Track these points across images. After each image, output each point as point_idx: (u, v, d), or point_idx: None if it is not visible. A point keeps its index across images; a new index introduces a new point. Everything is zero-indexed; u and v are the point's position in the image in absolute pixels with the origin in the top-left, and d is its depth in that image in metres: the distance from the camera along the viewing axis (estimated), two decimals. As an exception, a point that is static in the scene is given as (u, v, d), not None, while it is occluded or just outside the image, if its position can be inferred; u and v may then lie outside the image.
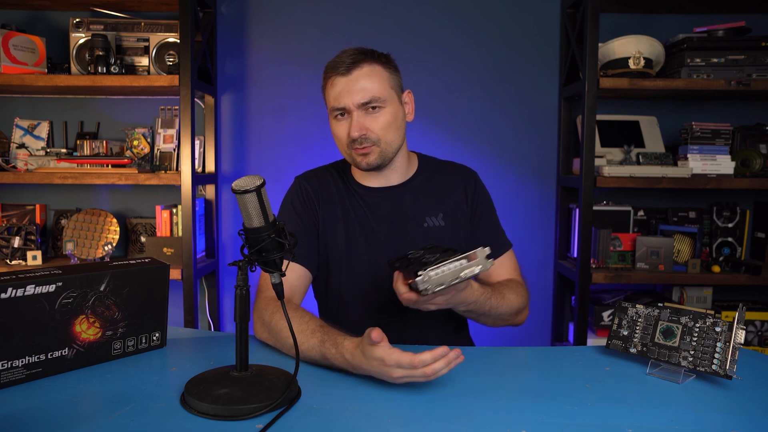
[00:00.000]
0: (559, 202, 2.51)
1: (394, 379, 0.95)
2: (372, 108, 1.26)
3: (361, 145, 1.27)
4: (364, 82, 1.25)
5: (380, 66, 1.28)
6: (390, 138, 1.29)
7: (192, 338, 1.27)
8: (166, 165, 2.39)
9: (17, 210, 2.50)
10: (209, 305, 2.56)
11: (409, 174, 1.40)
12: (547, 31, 2.51)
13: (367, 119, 1.27)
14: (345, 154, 1.33)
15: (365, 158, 1.29)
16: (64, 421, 0.84)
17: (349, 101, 1.25)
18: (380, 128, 1.27)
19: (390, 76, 1.30)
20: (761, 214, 2.49)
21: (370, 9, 2.50)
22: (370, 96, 1.25)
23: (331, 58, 1.30)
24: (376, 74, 1.27)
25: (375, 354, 0.95)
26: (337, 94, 1.26)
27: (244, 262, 0.94)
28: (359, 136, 1.25)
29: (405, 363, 0.93)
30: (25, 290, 0.95)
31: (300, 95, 2.53)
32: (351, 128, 1.26)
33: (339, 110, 1.28)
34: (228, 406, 0.86)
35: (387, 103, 1.28)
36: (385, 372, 0.95)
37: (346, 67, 1.25)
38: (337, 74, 1.26)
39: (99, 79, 2.19)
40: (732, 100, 2.51)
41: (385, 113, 1.28)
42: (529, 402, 0.95)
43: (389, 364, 0.94)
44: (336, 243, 1.36)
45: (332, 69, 1.28)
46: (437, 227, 1.37)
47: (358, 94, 1.25)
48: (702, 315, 1.07)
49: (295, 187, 1.42)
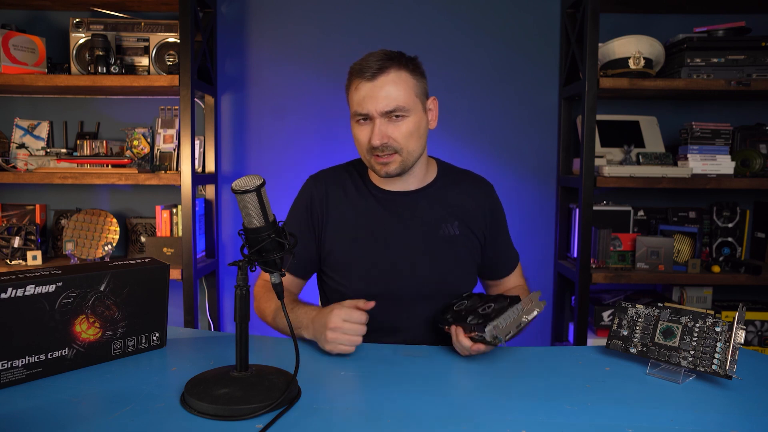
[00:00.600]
0: (559, 202, 2.51)
1: (329, 330, 1.12)
2: (395, 116, 1.24)
3: (382, 152, 1.25)
4: (389, 88, 1.22)
5: (407, 72, 1.25)
6: (412, 147, 1.27)
7: (192, 338, 1.27)
8: (166, 165, 2.39)
9: (17, 210, 2.50)
10: (209, 305, 2.56)
11: (427, 180, 1.39)
12: (547, 31, 2.51)
13: (389, 127, 1.24)
14: (364, 159, 1.32)
15: (385, 167, 1.27)
16: (64, 421, 0.84)
17: (372, 108, 1.23)
18: (402, 137, 1.25)
19: (416, 83, 1.27)
20: (761, 214, 2.49)
21: (370, 9, 2.50)
22: (395, 105, 1.23)
23: (358, 59, 1.27)
24: (402, 81, 1.24)
25: (325, 311, 1.15)
26: (360, 99, 1.24)
27: (244, 262, 0.94)
28: (380, 144, 1.23)
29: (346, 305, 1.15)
30: (25, 290, 0.95)
31: (300, 95, 2.53)
32: (372, 136, 1.24)
33: (361, 115, 1.25)
34: (228, 406, 0.86)
35: (411, 112, 1.25)
36: (327, 322, 1.13)
37: (371, 73, 1.22)
38: (363, 79, 1.23)
39: (99, 79, 2.19)
40: (732, 100, 2.51)
41: (408, 122, 1.25)
42: (529, 402, 0.95)
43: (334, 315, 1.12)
44: (343, 246, 1.35)
45: (357, 72, 1.25)
46: (452, 235, 1.36)
47: (382, 101, 1.22)
48: (702, 315, 1.07)
49: (303, 189, 1.43)
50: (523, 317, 1.10)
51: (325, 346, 1.14)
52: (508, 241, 1.49)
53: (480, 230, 1.39)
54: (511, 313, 1.09)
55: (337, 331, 1.13)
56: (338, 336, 1.13)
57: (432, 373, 1.06)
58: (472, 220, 1.38)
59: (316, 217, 1.38)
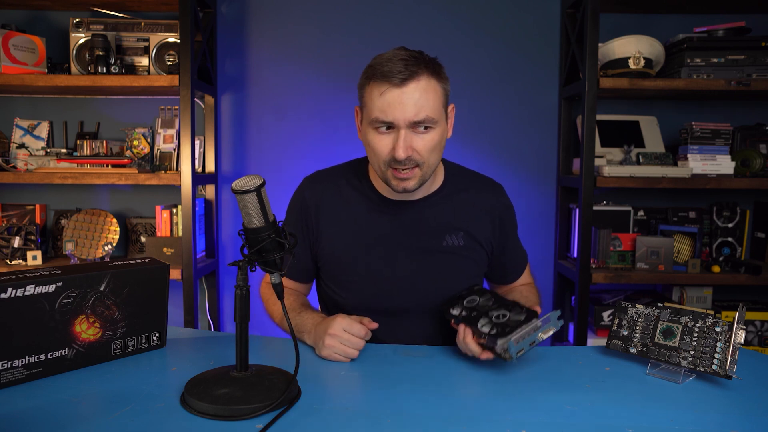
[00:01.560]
0: (559, 202, 2.51)
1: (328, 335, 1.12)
2: (423, 128, 1.15)
3: (403, 166, 1.15)
4: (419, 98, 1.12)
5: (435, 80, 1.15)
6: (433, 161, 1.19)
7: (192, 338, 1.27)
8: (166, 165, 2.39)
9: (17, 210, 2.50)
10: (209, 305, 2.56)
11: (434, 187, 1.31)
12: (547, 31, 2.51)
13: (414, 139, 1.14)
14: (378, 170, 1.21)
15: (403, 183, 1.18)
16: (64, 421, 0.84)
17: (400, 117, 1.12)
18: (427, 150, 1.16)
19: (443, 91, 1.18)
20: (761, 214, 2.49)
21: (370, 9, 2.50)
22: (425, 115, 1.13)
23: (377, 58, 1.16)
24: (432, 89, 1.14)
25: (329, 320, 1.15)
26: (385, 106, 1.12)
27: (244, 262, 0.94)
28: (405, 157, 1.14)
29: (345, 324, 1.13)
30: (25, 290, 0.95)
31: (300, 95, 2.53)
32: (397, 147, 1.13)
33: (384, 123, 1.14)
34: (228, 406, 0.86)
35: (437, 123, 1.16)
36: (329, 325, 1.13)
37: (401, 78, 1.11)
38: (390, 84, 1.11)
39: (99, 79, 2.19)
40: (732, 100, 2.51)
41: (433, 134, 1.16)
42: (529, 402, 0.95)
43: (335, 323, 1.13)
44: (337, 252, 1.31)
45: (382, 76, 1.12)
46: (455, 246, 1.30)
47: (411, 110, 1.12)
48: (702, 315, 1.07)
49: (297, 191, 1.37)
50: (539, 335, 1.05)
51: (321, 352, 1.13)
52: (517, 245, 1.44)
53: (487, 239, 1.33)
54: (528, 329, 1.04)
55: (335, 339, 1.12)
56: (336, 344, 1.12)
57: (432, 373, 1.06)
58: (478, 230, 1.32)
59: (310, 221, 1.32)
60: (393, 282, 1.28)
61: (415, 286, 1.28)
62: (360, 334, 1.13)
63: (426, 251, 1.29)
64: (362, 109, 1.21)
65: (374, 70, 1.14)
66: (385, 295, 1.29)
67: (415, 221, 1.29)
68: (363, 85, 1.19)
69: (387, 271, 1.28)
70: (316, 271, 1.39)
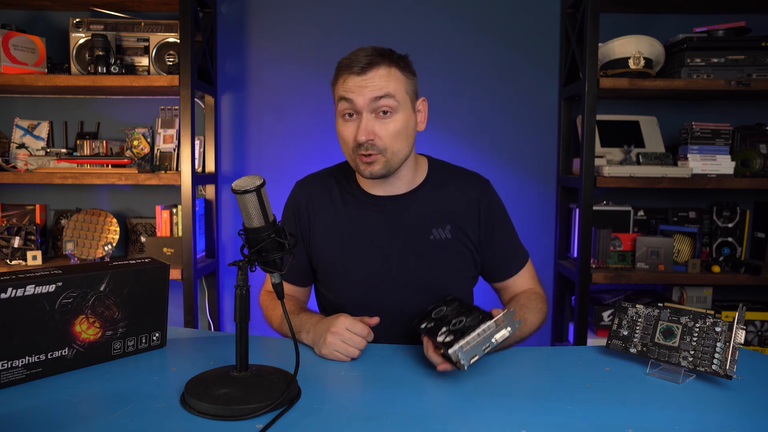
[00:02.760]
0: (559, 202, 2.51)
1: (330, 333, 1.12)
2: (383, 113, 1.19)
3: (366, 151, 1.19)
4: (379, 81, 1.18)
5: (397, 70, 1.20)
6: (397, 147, 1.21)
7: (192, 338, 1.27)
8: (166, 165, 2.39)
9: (17, 210, 2.50)
10: (209, 305, 2.56)
11: (417, 182, 1.33)
12: (547, 31, 2.51)
13: (376, 124, 1.19)
14: (349, 159, 1.26)
15: (369, 167, 1.21)
16: (64, 421, 0.84)
17: (360, 100, 1.18)
18: (389, 136, 1.19)
19: (407, 81, 1.22)
20: (761, 214, 2.49)
21: (370, 9, 2.50)
22: (384, 92, 1.17)
23: (346, 54, 1.22)
24: (393, 77, 1.19)
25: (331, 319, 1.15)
26: (347, 91, 1.19)
27: (244, 262, 0.94)
28: (366, 140, 1.18)
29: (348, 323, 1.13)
30: (25, 290, 0.95)
31: (300, 95, 2.53)
32: (358, 131, 1.18)
33: (347, 102, 1.19)
34: (228, 406, 0.86)
35: (399, 109, 1.20)
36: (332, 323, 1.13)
37: (361, 67, 1.18)
38: (351, 73, 1.18)
39: (99, 79, 2.19)
40: (732, 100, 2.51)
41: (395, 120, 1.20)
42: (529, 402, 0.95)
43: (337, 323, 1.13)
44: (330, 254, 1.33)
45: (346, 67, 1.20)
46: (443, 239, 1.30)
47: (370, 91, 1.17)
48: (702, 315, 1.07)
49: (290, 197, 1.40)
50: (494, 338, 0.98)
51: (321, 350, 1.13)
52: (512, 240, 1.40)
53: (474, 232, 1.33)
54: (480, 333, 0.97)
55: (337, 336, 1.12)
56: (337, 342, 1.11)
57: (432, 373, 1.06)
58: (464, 222, 1.32)
59: (303, 223, 1.35)
60: (383, 279, 1.30)
61: (406, 281, 1.30)
62: (362, 333, 1.14)
63: (413, 245, 1.30)
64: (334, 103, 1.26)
65: (340, 64, 1.23)
66: (376, 292, 1.30)
67: (401, 216, 1.31)
68: (333, 81, 1.25)
69: (375, 267, 1.30)
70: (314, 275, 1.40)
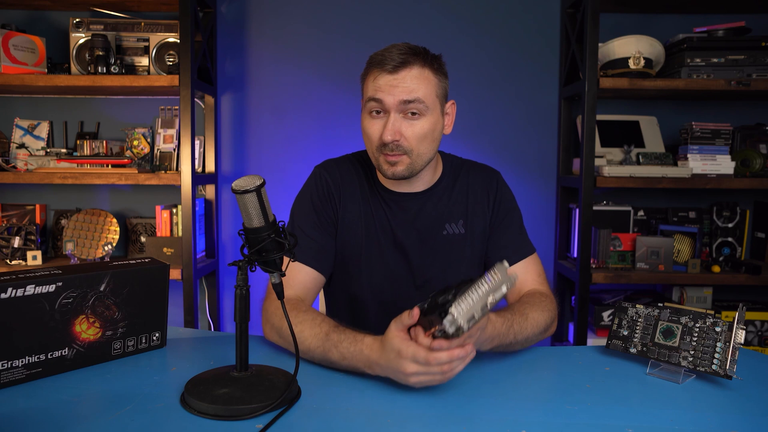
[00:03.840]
0: (559, 202, 2.51)
1: (408, 375, 0.91)
2: (411, 114, 1.16)
3: (391, 151, 1.17)
4: (411, 82, 1.15)
5: (431, 71, 1.18)
6: (423, 150, 1.19)
7: (192, 338, 1.27)
8: (166, 165, 2.39)
9: (17, 210, 2.50)
10: (209, 305, 2.56)
11: (434, 180, 1.32)
12: (547, 31, 2.51)
13: (403, 124, 1.16)
14: (372, 156, 1.23)
15: (392, 167, 1.19)
16: (64, 421, 0.84)
17: (390, 99, 1.15)
18: (415, 137, 1.17)
19: (438, 83, 1.20)
20: (761, 214, 2.49)
21: (371, 9, 2.50)
22: (414, 96, 1.14)
23: (380, 50, 1.19)
24: (425, 78, 1.16)
25: (393, 345, 0.92)
26: (377, 89, 1.16)
27: (244, 262, 0.94)
28: (392, 141, 1.15)
29: (420, 358, 0.89)
30: (25, 290, 0.95)
31: (300, 95, 2.53)
32: (385, 130, 1.15)
33: (376, 102, 1.16)
34: (228, 406, 0.86)
35: (428, 111, 1.17)
36: (399, 366, 0.91)
37: (393, 66, 1.14)
38: (383, 70, 1.15)
39: (99, 79, 2.19)
40: (732, 100, 2.51)
41: (423, 122, 1.17)
42: (529, 402, 0.95)
43: (405, 356, 0.90)
44: (355, 243, 1.30)
45: (378, 64, 1.16)
46: (456, 234, 1.30)
47: (401, 92, 1.14)
48: (702, 315, 1.07)
49: (315, 178, 1.32)
50: (489, 297, 0.88)
51: (410, 381, 0.94)
52: (515, 231, 1.35)
53: (485, 224, 1.33)
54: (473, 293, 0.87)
55: (420, 375, 0.93)
56: (423, 371, 0.92)
57: (432, 373, 1.06)
58: (476, 216, 1.32)
59: (334, 206, 1.30)
60: (396, 273, 1.30)
61: (419, 276, 1.30)
62: (428, 360, 0.92)
63: (427, 241, 1.30)
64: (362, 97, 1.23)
65: (372, 59, 1.19)
66: (392, 282, 1.30)
67: (418, 212, 1.30)
68: (363, 75, 1.22)
69: (393, 261, 1.30)
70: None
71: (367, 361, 0.98)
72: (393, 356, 0.92)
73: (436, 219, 1.31)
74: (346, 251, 1.31)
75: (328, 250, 1.28)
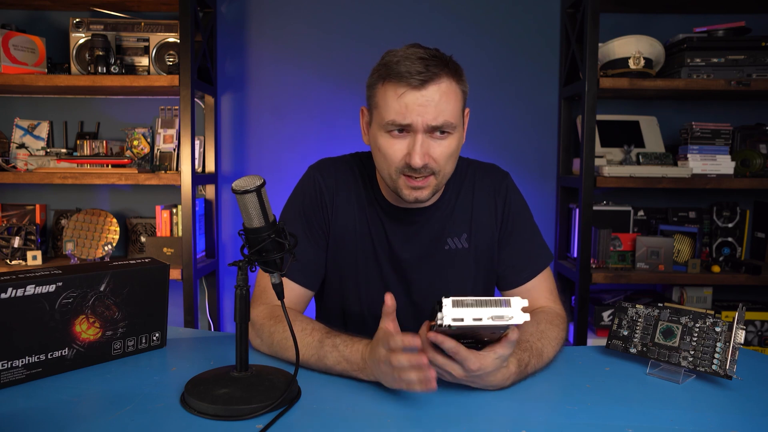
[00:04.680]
0: (559, 202, 2.51)
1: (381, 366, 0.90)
2: (440, 133, 1.06)
3: (418, 174, 1.07)
4: (440, 101, 1.04)
5: (455, 81, 1.08)
6: (449, 170, 1.11)
7: (192, 338, 1.27)
8: (166, 165, 2.39)
9: (17, 210, 2.50)
10: (209, 305, 2.56)
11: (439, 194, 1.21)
12: (547, 31, 2.51)
13: (432, 145, 1.06)
14: (387, 177, 1.11)
15: (416, 192, 1.08)
16: (64, 421, 0.84)
17: (419, 121, 1.03)
18: (443, 158, 1.07)
19: (463, 95, 1.10)
20: (761, 214, 2.49)
21: (370, 9, 2.50)
22: (444, 120, 1.04)
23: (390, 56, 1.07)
24: (453, 93, 1.06)
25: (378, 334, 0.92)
26: (403, 108, 1.03)
27: (244, 262, 0.94)
28: (422, 165, 1.05)
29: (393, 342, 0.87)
30: (25, 290, 0.95)
31: (300, 95, 2.53)
32: (413, 153, 1.04)
33: (399, 127, 1.05)
34: (228, 406, 0.86)
35: (456, 129, 1.08)
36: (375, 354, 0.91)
37: (420, 80, 1.02)
38: (408, 85, 1.03)
39: (99, 79, 2.19)
40: (732, 100, 2.51)
41: (451, 140, 1.07)
42: (529, 402, 0.95)
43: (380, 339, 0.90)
44: (348, 255, 1.22)
45: (399, 77, 1.03)
46: (459, 249, 1.22)
47: (431, 114, 1.03)
48: (702, 315, 1.07)
49: (307, 182, 1.24)
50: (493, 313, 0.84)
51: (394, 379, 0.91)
52: (528, 242, 1.25)
53: (491, 236, 1.23)
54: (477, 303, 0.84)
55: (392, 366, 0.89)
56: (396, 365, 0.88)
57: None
58: (482, 228, 1.23)
59: (326, 214, 1.21)
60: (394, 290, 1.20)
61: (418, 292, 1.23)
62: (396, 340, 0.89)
63: (426, 257, 1.22)
64: (372, 110, 1.11)
65: (389, 69, 1.05)
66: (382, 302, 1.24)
67: (420, 227, 1.21)
68: (374, 84, 1.09)
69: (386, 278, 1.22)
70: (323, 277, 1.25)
71: (361, 360, 0.97)
72: (375, 344, 0.93)
73: (438, 233, 1.22)
74: (339, 263, 1.23)
75: (316, 262, 1.21)
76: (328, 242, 1.23)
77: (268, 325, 1.10)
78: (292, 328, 0.96)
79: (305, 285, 1.20)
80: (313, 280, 1.22)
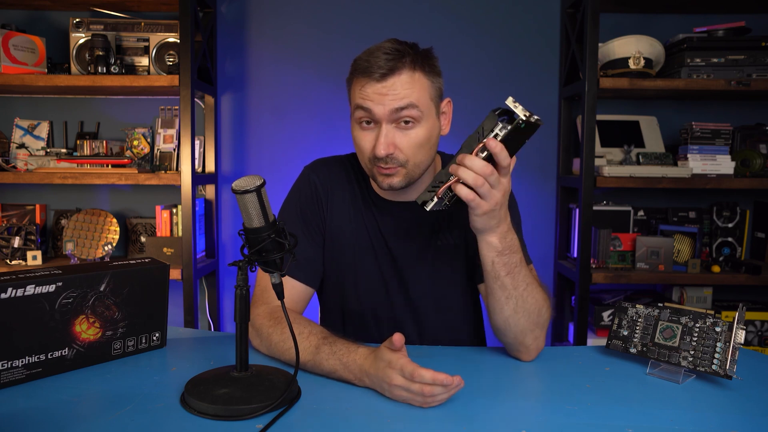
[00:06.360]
0: (559, 202, 2.51)
1: (392, 387, 0.91)
2: (405, 122, 1.08)
3: (385, 164, 1.10)
4: (400, 90, 1.06)
5: (422, 73, 1.09)
6: (420, 159, 1.12)
7: (192, 338, 1.27)
8: (166, 165, 2.39)
9: (17, 210, 2.50)
10: (209, 305, 2.56)
11: None
12: (547, 31, 2.51)
13: (397, 135, 1.09)
14: (365, 167, 1.17)
15: (388, 179, 1.12)
16: (64, 421, 0.84)
17: (380, 109, 1.07)
18: (410, 148, 1.10)
19: (431, 85, 1.11)
20: (761, 214, 2.49)
21: (370, 9, 2.50)
22: (407, 101, 1.06)
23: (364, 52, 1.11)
24: (417, 82, 1.08)
25: (384, 355, 0.93)
26: (365, 96, 1.08)
27: (244, 262, 0.94)
28: (386, 154, 1.08)
29: (407, 371, 0.89)
30: (25, 290, 0.95)
31: (300, 95, 2.53)
32: (377, 144, 1.08)
33: (364, 111, 1.09)
34: (228, 406, 0.86)
35: (423, 117, 1.09)
36: (386, 376, 0.91)
37: (381, 73, 1.06)
38: (370, 78, 1.07)
39: (99, 79, 2.19)
40: (732, 100, 2.51)
41: (418, 130, 1.09)
42: (529, 402, 0.95)
43: (394, 367, 0.90)
44: (345, 253, 1.24)
45: (363, 71, 1.08)
46: (451, 245, 1.23)
47: (389, 100, 1.06)
48: (702, 315, 1.07)
49: (303, 181, 1.27)
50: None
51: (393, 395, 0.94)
52: None
53: None
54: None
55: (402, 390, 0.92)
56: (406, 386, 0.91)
57: (432, 373, 1.06)
58: None
59: (321, 212, 1.24)
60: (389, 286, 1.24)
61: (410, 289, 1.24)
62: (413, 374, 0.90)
63: (418, 253, 1.23)
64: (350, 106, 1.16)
65: (357, 65, 1.11)
66: (381, 299, 1.25)
67: (411, 223, 1.23)
68: (348, 80, 1.16)
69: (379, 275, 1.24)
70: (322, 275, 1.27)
71: (360, 371, 0.97)
72: (383, 365, 0.92)
73: (431, 229, 1.23)
74: (336, 261, 1.25)
75: (315, 260, 1.23)
76: (325, 240, 1.25)
77: (267, 326, 1.11)
78: (292, 329, 0.96)
79: (305, 282, 1.21)
80: (313, 277, 1.23)
